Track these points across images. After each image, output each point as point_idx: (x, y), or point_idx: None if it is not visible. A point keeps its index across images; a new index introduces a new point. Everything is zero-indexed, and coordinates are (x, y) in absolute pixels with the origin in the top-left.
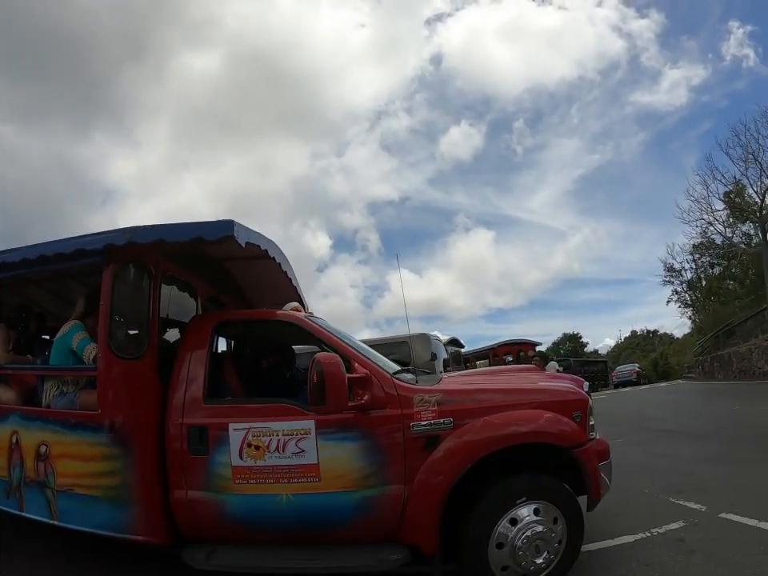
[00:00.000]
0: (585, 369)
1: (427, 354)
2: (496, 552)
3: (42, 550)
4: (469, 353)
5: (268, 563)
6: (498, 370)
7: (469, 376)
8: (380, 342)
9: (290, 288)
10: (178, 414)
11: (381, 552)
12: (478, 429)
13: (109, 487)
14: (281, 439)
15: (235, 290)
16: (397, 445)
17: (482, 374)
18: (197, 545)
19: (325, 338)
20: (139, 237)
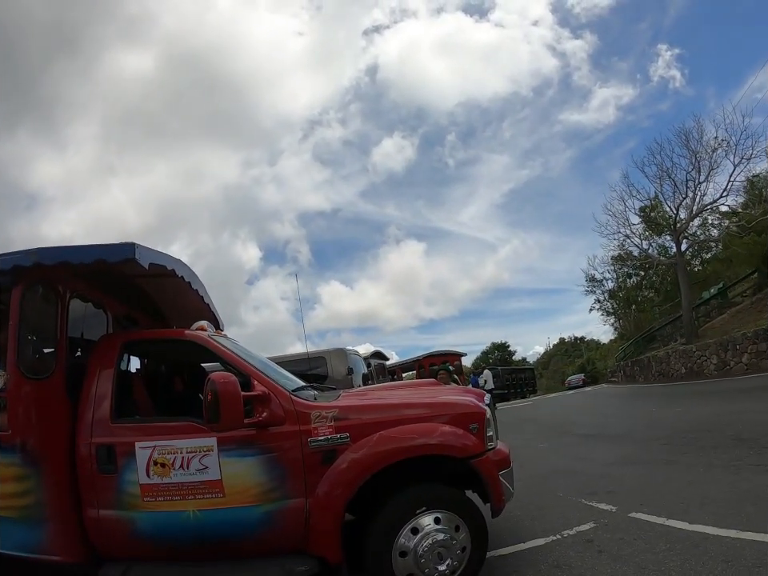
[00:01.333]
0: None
1: (344, 369)
2: (400, 560)
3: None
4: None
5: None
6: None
7: (369, 392)
8: (300, 357)
9: (203, 306)
10: (87, 433)
11: (289, 563)
12: (373, 443)
13: (22, 507)
14: (185, 456)
15: (151, 308)
16: (296, 460)
17: (383, 389)
18: (112, 563)
19: (225, 356)
20: (45, 258)
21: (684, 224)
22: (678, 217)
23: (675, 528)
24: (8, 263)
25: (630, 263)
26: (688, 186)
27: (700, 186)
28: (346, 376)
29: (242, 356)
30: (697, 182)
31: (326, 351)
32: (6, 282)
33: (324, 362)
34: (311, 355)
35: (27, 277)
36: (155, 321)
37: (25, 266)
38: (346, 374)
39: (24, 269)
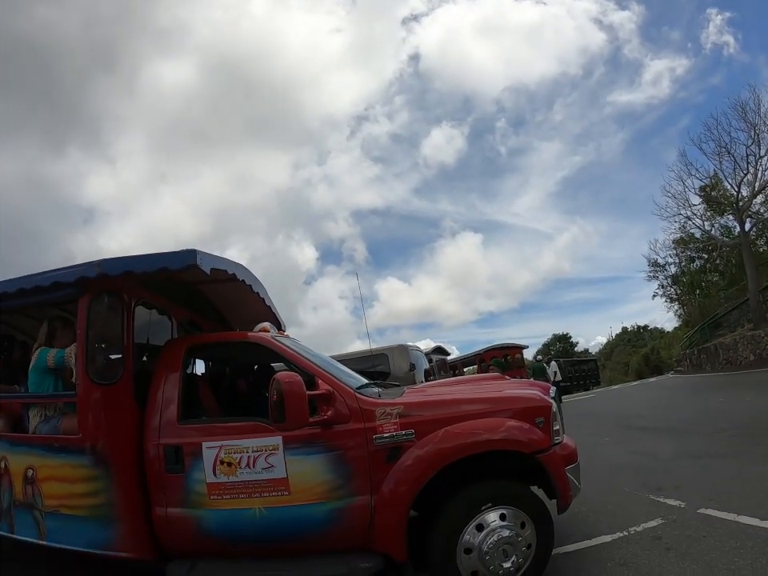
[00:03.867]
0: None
1: (406, 365)
2: (465, 557)
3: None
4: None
5: (247, 575)
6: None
7: (434, 387)
8: (362, 355)
9: (264, 308)
10: (155, 435)
11: (353, 560)
12: (439, 439)
13: (93, 507)
14: (251, 455)
15: (213, 313)
16: (361, 457)
17: (447, 384)
18: (178, 560)
19: (289, 357)
20: (109, 269)
21: (747, 202)
22: (740, 195)
23: (746, 525)
24: (74, 275)
25: (692, 246)
26: (748, 161)
27: (761, 160)
28: (408, 372)
29: (305, 355)
30: (757, 157)
31: (388, 348)
32: (73, 293)
33: (386, 359)
34: (373, 352)
35: (93, 287)
36: (218, 325)
37: (90, 277)
38: (408, 371)
39: (89, 280)
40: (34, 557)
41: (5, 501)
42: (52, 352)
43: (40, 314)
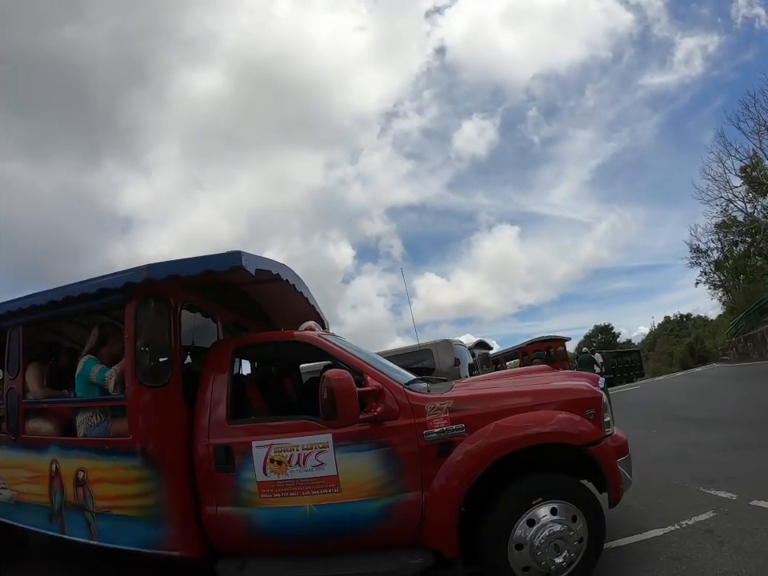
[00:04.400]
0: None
1: (450, 360)
2: (516, 553)
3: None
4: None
5: (297, 572)
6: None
7: (482, 381)
8: (406, 351)
9: (308, 307)
10: (204, 435)
11: (403, 556)
12: (489, 433)
13: (144, 507)
14: (301, 453)
15: (257, 313)
16: (412, 453)
17: (495, 377)
18: (228, 558)
19: (337, 354)
20: (155, 273)
21: None
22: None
23: None
24: (120, 281)
25: (735, 230)
26: None
27: None
28: (453, 367)
29: (352, 352)
30: None
31: (432, 343)
32: (119, 299)
33: (430, 354)
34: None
35: (139, 292)
36: (263, 325)
37: (137, 282)
38: (453, 365)
39: (136, 285)
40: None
41: (56, 502)
42: (96, 368)
43: (85, 320)
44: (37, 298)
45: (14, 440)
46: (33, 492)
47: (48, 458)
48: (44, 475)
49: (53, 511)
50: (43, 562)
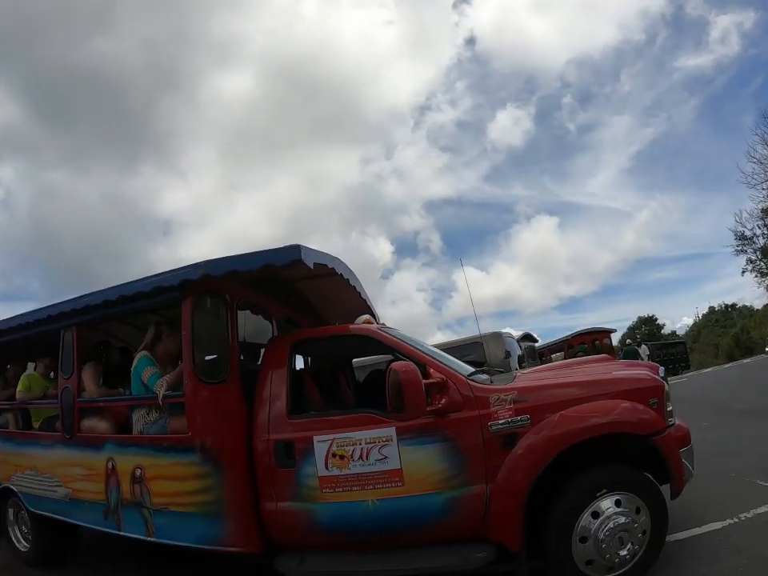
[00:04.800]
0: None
1: (501, 353)
2: (580, 546)
3: None
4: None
5: (358, 567)
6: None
7: (542, 371)
8: (453, 344)
9: (360, 301)
10: (264, 431)
11: (467, 551)
12: (554, 424)
13: (203, 503)
14: (364, 447)
15: (308, 309)
16: (476, 445)
17: (556, 367)
18: (288, 553)
19: (398, 347)
20: (213, 269)
21: None
22: None
23: None
24: (176, 278)
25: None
26: None
27: None
28: (504, 360)
29: (414, 345)
30: None
31: (482, 336)
32: (175, 296)
33: (480, 347)
34: (467, 341)
35: (196, 289)
36: (314, 321)
37: (193, 279)
38: (504, 358)
39: (193, 282)
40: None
41: (112, 500)
42: (149, 370)
43: (135, 320)
44: (90, 298)
45: (68, 438)
46: (88, 489)
47: (104, 456)
48: (100, 473)
49: (108, 508)
50: (94, 558)
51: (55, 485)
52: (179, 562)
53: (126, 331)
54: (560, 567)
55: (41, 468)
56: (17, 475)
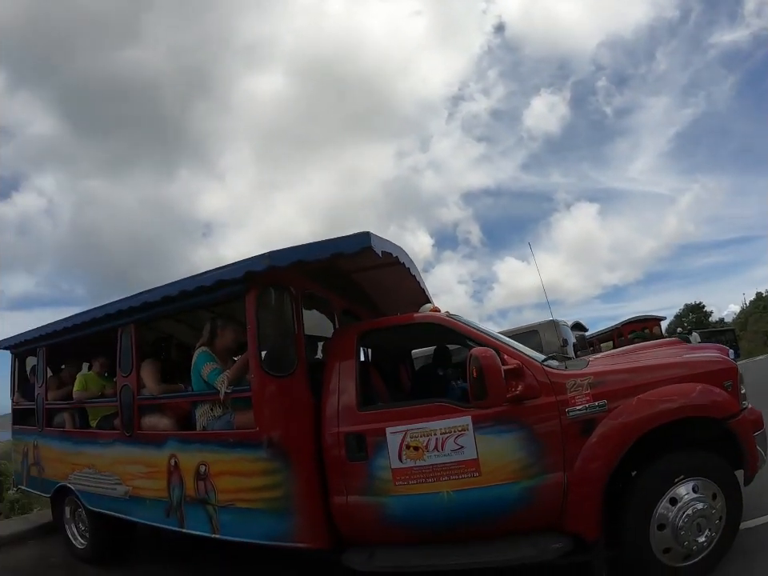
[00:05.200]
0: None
1: (558, 341)
2: (657, 534)
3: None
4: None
5: (430, 561)
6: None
7: (613, 356)
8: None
9: (419, 290)
10: (334, 424)
11: (542, 541)
12: (632, 408)
13: (271, 499)
14: (439, 438)
15: (365, 300)
16: (554, 432)
17: (627, 352)
18: (356, 548)
19: (471, 334)
20: (279, 260)
21: None
22: None
23: None
24: (239, 271)
25: None
26: None
27: None
28: (561, 348)
29: (485, 332)
30: None
31: (538, 324)
32: (238, 289)
33: (536, 336)
34: (522, 330)
35: (260, 281)
36: (371, 312)
37: (258, 270)
38: (561, 346)
39: (257, 273)
40: None
41: (174, 497)
42: (209, 366)
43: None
44: (149, 295)
45: (128, 436)
46: (149, 487)
47: (166, 453)
48: (161, 470)
49: (171, 505)
50: (150, 555)
51: (114, 483)
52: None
53: (177, 329)
54: (638, 555)
55: (99, 466)
56: (74, 474)
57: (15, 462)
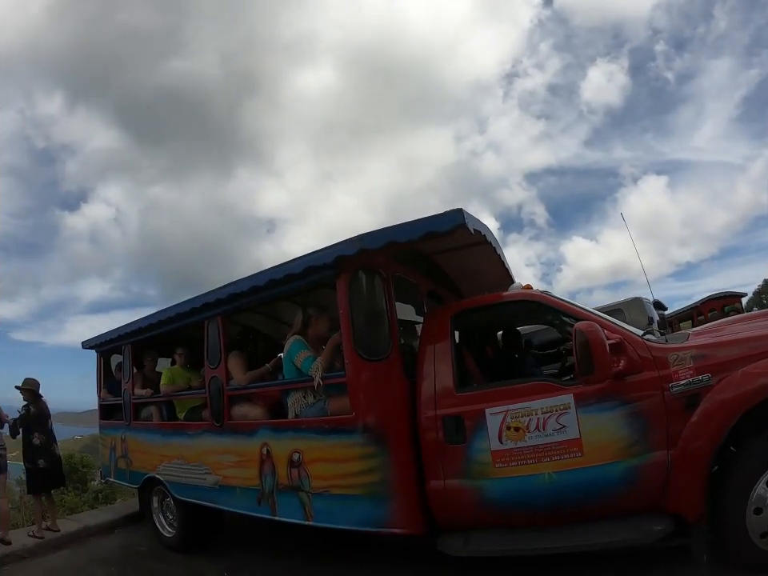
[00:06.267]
0: None
1: (644, 319)
2: (754, 518)
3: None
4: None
5: (529, 545)
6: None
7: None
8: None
9: (503, 272)
10: (430, 407)
11: (643, 523)
12: (738, 382)
13: (367, 484)
14: (540, 417)
15: (446, 283)
16: (657, 408)
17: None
18: (450, 533)
19: (569, 310)
20: (370, 243)
21: None
22: None
23: None
24: (330, 256)
25: None
26: None
27: None
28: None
29: (583, 307)
30: None
31: (623, 303)
32: (328, 275)
33: (622, 314)
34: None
35: (350, 266)
36: (453, 295)
37: (349, 254)
38: (647, 325)
39: (348, 258)
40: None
41: (266, 485)
42: (303, 354)
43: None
44: (235, 286)
45: (218, 426)
46: (240, 476)
47: (258, 442)
48: (253, 459)
49: (262, 493)
50: (233, 543)
51: (204, 473)
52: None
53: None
54: (734, 540)
55: (188, 457)
56: (163, 465)
57: (102, 456)
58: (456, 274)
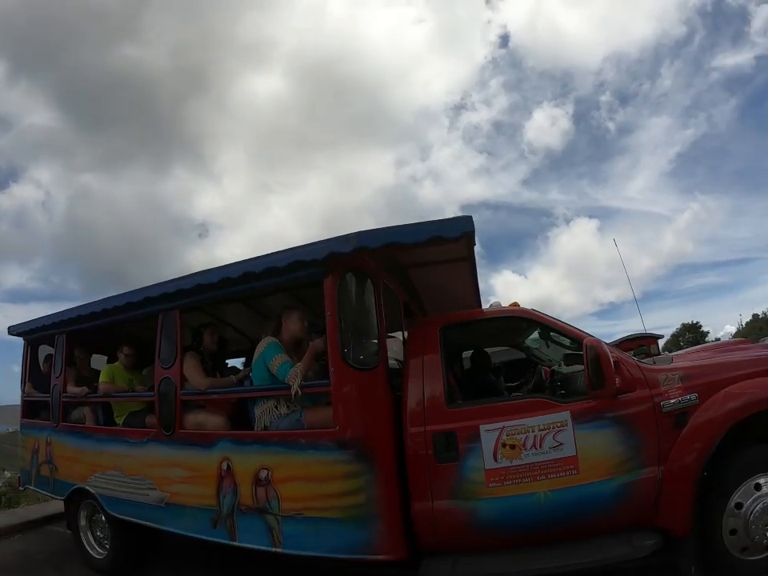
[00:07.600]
0: None
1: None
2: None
3: None
4: None
5: (520, 567)
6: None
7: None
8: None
9: (471, 291)
10: (418, 422)
11: (636, 539)
12: (721, 401)
13: (349, 507)
14: (537, 434)
15: (414, 298)
16: (650, 426)
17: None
18: (434, 556)
19: (563, 329)
20: (368, 241)
21: None
22: None
23: None
24: (322, 252)
25: None
26: None
27: None
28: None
29: (574, 327)
30: None
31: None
32: (315, 273)
33: None
34: None
35: (341, 266)
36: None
37: (343, 252)
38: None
39: (341, 256)
40: None
41: (225, 506)
42: (279, 358)
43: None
44: (202, 276)
45: (168, 435)
46: (191, 493)
47: (217, 456)
48: (209, 475)
49: (219, 515)
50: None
51: (147, 487)
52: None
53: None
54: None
55: (128, 469)
56: (95, 475)
57: (22, 460)
58: (423, 289)
